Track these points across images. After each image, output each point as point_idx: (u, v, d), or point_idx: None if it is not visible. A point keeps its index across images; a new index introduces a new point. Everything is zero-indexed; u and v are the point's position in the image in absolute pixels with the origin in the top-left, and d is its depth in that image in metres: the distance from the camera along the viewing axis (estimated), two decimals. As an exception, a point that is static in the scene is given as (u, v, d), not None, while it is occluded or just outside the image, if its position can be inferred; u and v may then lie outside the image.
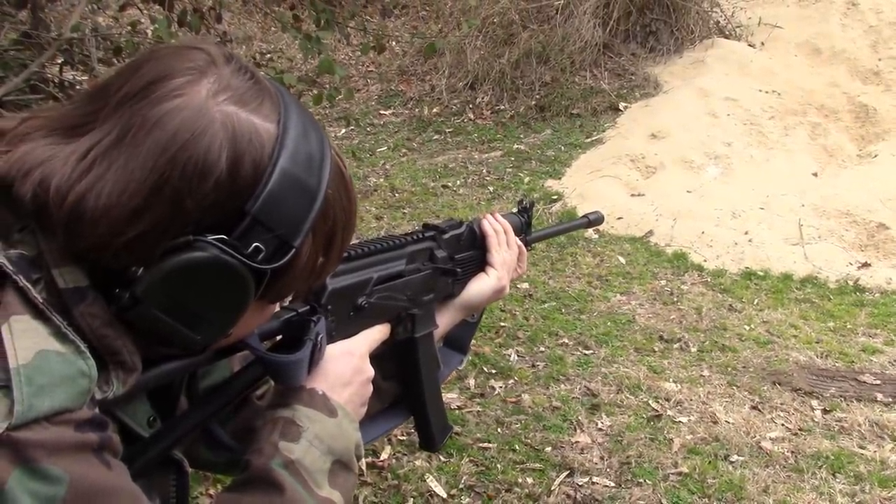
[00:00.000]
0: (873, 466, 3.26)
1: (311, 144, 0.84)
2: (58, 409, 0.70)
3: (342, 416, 0.98)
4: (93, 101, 0.81)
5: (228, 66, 0.82)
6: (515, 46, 7.79)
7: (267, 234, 0.80)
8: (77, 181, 0.75)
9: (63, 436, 0.70)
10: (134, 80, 0.79)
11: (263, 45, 9.21)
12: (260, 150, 0.79)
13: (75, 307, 0.76)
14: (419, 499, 2.98)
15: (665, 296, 4.77)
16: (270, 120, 0.81)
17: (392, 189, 6.28)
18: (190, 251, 0.77)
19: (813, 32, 7.91)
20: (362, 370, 1.07)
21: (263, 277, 0.82)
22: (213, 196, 0.77)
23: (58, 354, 0.72)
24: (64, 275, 0.76)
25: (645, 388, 3.75)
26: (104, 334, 0.78)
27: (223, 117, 0.78)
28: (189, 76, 0.79)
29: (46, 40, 2.72)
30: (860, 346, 4.28)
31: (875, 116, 6.99)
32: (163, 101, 0.77)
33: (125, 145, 0.76)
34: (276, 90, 0.85)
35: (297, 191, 0.82)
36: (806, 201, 5.89)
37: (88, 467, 0.72)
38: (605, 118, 7.34)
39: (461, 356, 1.52)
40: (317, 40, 2.84)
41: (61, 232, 0.75)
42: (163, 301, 0.78)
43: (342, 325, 1.10)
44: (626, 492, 3.06)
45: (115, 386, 0.79)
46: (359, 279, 1.14)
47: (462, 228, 1.42)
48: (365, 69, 8.95)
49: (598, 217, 1.94)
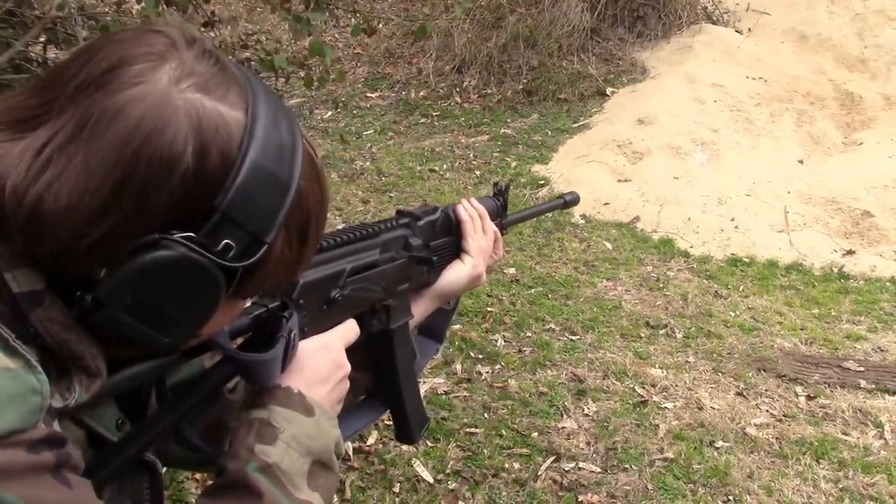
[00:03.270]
0: (857, 453, 3.29)
1: (281, 134, 0.79)
2: (8, 430, 0.66)
3: (320, 414, 0.95)
4: (45, 91, 0.75)
5: (191, 50, 0.77)
6: (503, 30, 7.75)
7: (237, 230, 0.76)
8: (33, 181, 0.69)
9: (15, 459, 0.66)
10: (90, 66, 0.74)
11: (249, 25, 9.13)
12: (227, 142, 0.74)
13: (31, 312, 0.71)
14: (406, 483, 2.98)
15: (651, 282, 4.79)
16: (238, 108, 0.76)
17: (378, 173, 6.26)
18: (155, 250, 0.72)
19: (799, 19, 7.92)
20: (340, 365, 1.03)
21: (234, 275, 0.78)
22: (179, 192, 0.72)
23: (6, 371, 0.67)
24: (18, 278, 0.71)
25: (631, 374, 3.77)
26: (65, 339, 0.73)
27: (187, 106, 0.73)
28: (149, 62, 0.74)
29: (31, 18, 2.68)
30: (844, 333, 4.31)
31: (861, 104, 7.01)
32: (121, 90, 0.72)
33: (83, 139, 0.71)
34: (243, 76, 0.80)
35: (268, 184, 0.77)
36: (792, 188, 5.92)
37: (45, 489, 0.68)
38: (592, 103, 7.33)
39: (437, 345, 1.49)
40: (307, 22, 2.81)
41: (20, 237, 0.70)
42: (127, 303, 0.74)
43: (315, 319, 1.05)
44: (612, 477, 3.07)
45: (77, 393, 0.75)
46: (331, 271, 1.09)
47: (437, 214, 1.38)
48: (352, 51, 8.89)
49: (574, 198, 1.93)
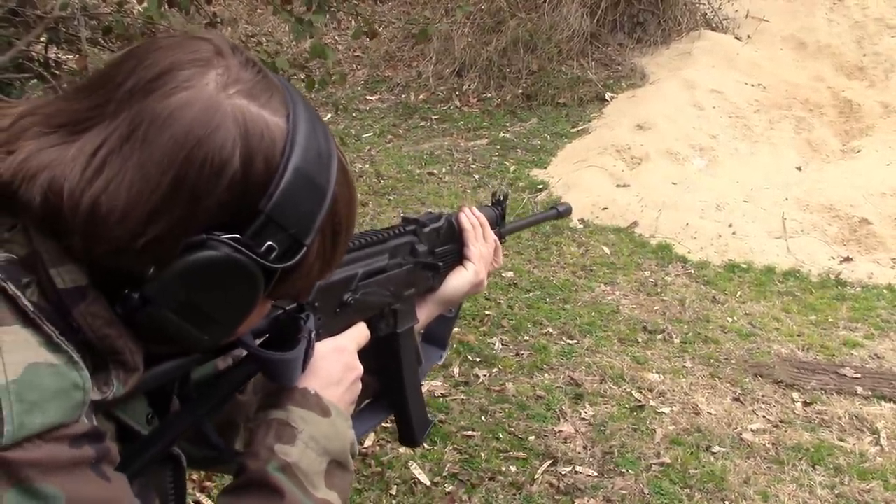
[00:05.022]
0: (853, 459, 3.30)
1: (319, 140, 0.82)
2: (50, 425, 0.68)
3: (336, 415, 0.97)
4: (93, 95, 0.77)
5: (235, 57, 0.80)
6: (503, 34, 7.77)
7: (280, 232, 0.79)
8: (90, 183, 0.72)
9: (57, 453, 0.68)
10: (140, 71, 0.76)
11: (249, 27, 9.14)
12: (272, 147, 0.77)
13: (75, 307, 0.73)
14: (403, 486, 2.98)
15: (649, 287, 4.79)
16: (280, 115, 0.79)
17: (377, 175, 6.26)
18: (203, 250, 0.75)
19: (799, 27, 7.95)
20: (352, 367, 1.05)
21: (273, 276, 0.81)
22: (227, 194, 0.75)
23: (49, 367, 0.69)
24: (63, 274, 0.73)
25: (628, 379, 3.77)
26: (106, 334, 0.75)
27: (234, 111, 0.75)
28: (196, 67, 0.76)
29: (33, 18, 2.68)
30: (841, 340, 4.32)
31: (859, 112, 7.03)
32: (172, 95, 0.74)
33: (137, 142, 0.73)
34: (283, 85, 0.83)
35: (308, 189, 0.80)
36: (789, 195, 5.93)
37: (85, 483, 0.70)
38: (591, 108, 7.35)
39: (441, 351, 1.52)
40: (308, 24, 2.81)
41: (78, 236, 0.72)
42: (174, 301, 0.76)
43: (328, 321, 1.08)
44: (608, 481, 3.08)
45: (115, 386, 0.77)
46: (344, 275, 1.12)
47: (441, 222, 1.41)
48: (352, 54, 8.91)
49: (567, 209, 1.98)
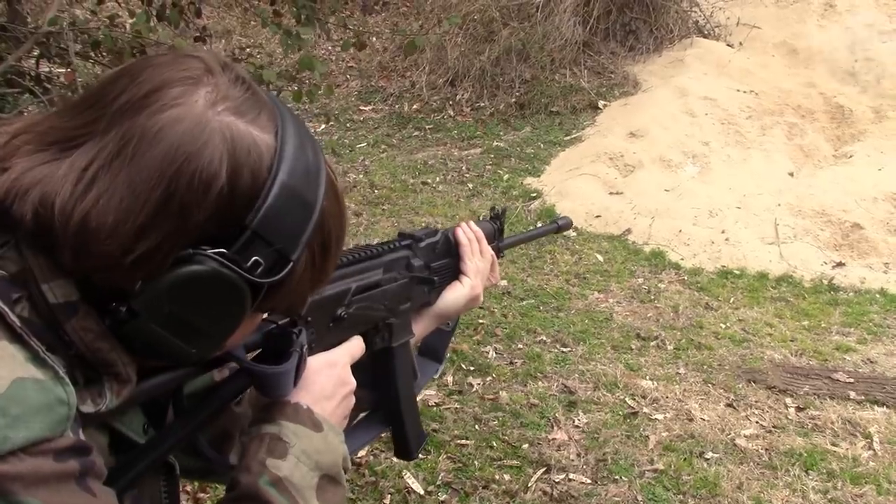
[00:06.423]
0: (846, 464, 3.30)
1: (307, 156, 0.83)
2: (35, 439, 0.68)
3: (328, 429, 0.97)
4: (85, 112, 0.78)
5: (225, 74, 0.81)
6: (496, 44, 7.80)
7: (266, 247, 0.80)
8: (80, 198, 0.73)
9: (41, 467, 0.69)
10: (132, 89, 0.77)
11: (242, 39, 9.17)
12: (259, 163, 0.79)
13: (67, 322, 0.75)
14: (396, 495, 2.98)
15: (642, 294, 4.80)
16: (268, 131, 0.80)
17: (371, 185, 6.27)
18: (189, 265, 0.77)
19: (790, 33, 7.98)
20: (345, 382, 1.05)
21: (260, 290, 0.82)
22: (214, 209, 0.76)
23: (35, 382, 0.70)
24: (54, 289, 0.74)
25: (622, 386, 3.78)
26: (98, 347, 0.77)
27: (222, 128, 0.77)
28: (186, 85, 0.78)
29: (23, 33, 2.69)
30: (834, 345, 4.33)
31: (851, 117, 7.06)
32: (162, 112, 0.75)
33: (127, 158, 0.74)
34: (272, 101, 0.84)
35: (295, 204, 0.81)
36: (782, 201, 5.94)
37: (69, 496, 0.71)
38: (584, 116, 7.38)
39: (437, 365, 1.52)
40: (297, 36, 2.83)
41: (69, 251, 0.74)
42: (160, 315, 0.78)
43: (321, 336, 1.09)
44: (602, 488, 3.08)
45: (108, 398, 0.78)
46: (337, 290, 1.12)
47: (437, 237, 1.41)
48: (345, 65, 8.93)
49: (567, 223, 1.98)
